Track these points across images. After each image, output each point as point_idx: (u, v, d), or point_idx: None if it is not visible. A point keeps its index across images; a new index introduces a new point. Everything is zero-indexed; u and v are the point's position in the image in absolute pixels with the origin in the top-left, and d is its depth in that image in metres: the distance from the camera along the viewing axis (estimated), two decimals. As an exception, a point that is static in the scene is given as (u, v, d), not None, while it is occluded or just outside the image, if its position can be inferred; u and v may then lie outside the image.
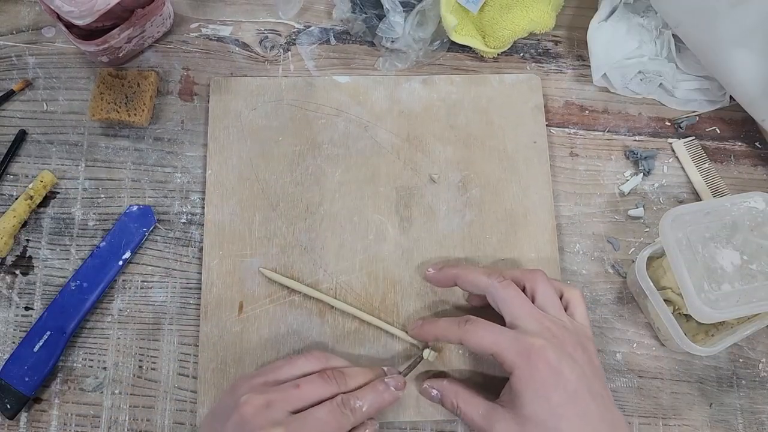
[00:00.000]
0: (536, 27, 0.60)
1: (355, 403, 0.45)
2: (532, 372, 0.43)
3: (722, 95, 0.61)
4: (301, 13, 0.63)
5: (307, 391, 0.45)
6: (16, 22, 0.62)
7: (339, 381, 0.46)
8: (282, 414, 0.42)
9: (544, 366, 0.43)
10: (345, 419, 0.44)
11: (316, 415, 0.43)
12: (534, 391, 0.43)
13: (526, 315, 0.46)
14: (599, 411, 0.43)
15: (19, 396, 0.51)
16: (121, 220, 0.56)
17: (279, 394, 0.44)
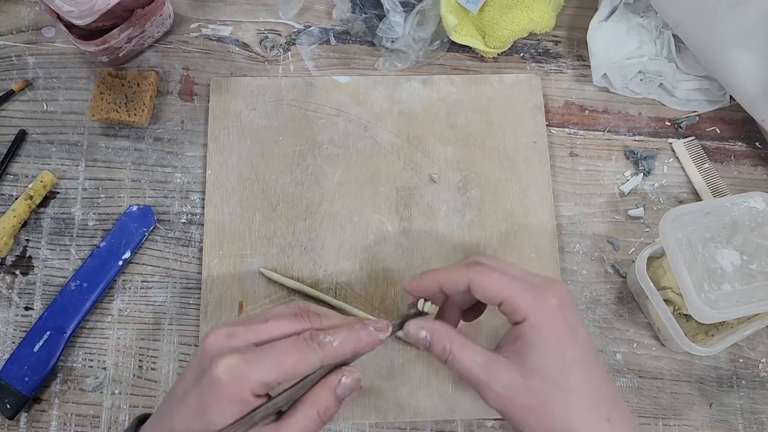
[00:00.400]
0: (536, 27, 0.60)
1: (324, 338, 0.39)
2: (550, 324, 0.40)
3: (722, 95, 0.61)
4: (301, 13, 0.63)
5: (274, 325, 0.40)
6: (16, 22, 0.62)
7: (312, 320, 0.41)
8: (243, 343, 0.39)
9: (563, 320, 0.40)
10: (310, 352, 0.38)
11: (278, 344, 0.39)
12: (548, 344, 0.40)
13: (529, 280, 0.43)
14: (604, 375, 0.41)
15: (19, 396, 0.51)
16: (121, 220, 0.56)
17: (244, 327, 0.40)
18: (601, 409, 0.40)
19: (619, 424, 0.40)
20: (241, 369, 0.37)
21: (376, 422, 0.53)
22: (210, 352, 0.38)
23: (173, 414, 0.39)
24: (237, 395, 0.37)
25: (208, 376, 0.37)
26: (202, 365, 0.38)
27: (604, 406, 0.40)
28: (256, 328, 0.40)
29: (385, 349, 0.54)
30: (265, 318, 0.41)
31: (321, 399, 0.39)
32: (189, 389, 0.38)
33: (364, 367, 0.53)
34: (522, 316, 0.40)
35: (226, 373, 0.37)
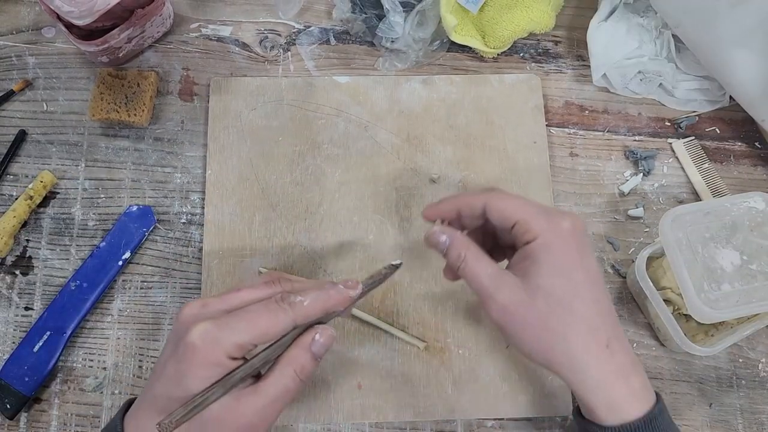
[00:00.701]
0: (536, 27, 0.60)
1: (294, 298, 0.40)
2: (561, 245, 0.41)
3: (722, 95, 0.61)
4: (301, 13, 0.63)
5: (246, 293, 0.41)
6: (16, 22, 0.62)
7: (284, 285, 0.42)
8: (216, 312, 0.40)
9: (575, 243, 0.41)
10: (282, 313, 0.39)
11: (249, 307, 0.39)
12: (557, 264, 0.41)
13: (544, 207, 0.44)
14: (607, 303, 0.42)
15: (19, 396, 0.51)
16: (121, 220, 0.56)
17: (217, 298, 0.41)
18: (600, 335, 0.41)
19: (618, 352, 0.41)
20: (213, 333, 0.38)
21: (376, 422, 0.53)
22: (185, 322, 0.39)
23: (154, 384, 0.40)
24: (212, 359, 0.38)
25: (183, 344, 0.38)
26: (178, 335, 0.39)
27: (603, 332, 0.41)
28: (229, 297, 0.41)
29: (385, 350, 0.54)
30: (237, 288, 0.42)
31: (297, 358, 0.40)
32: (167, 359, 0.39)
33: (364, 367, 0.53)
34: (533, 235, 0.41)
35: (199, 338, 0.38)
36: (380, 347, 0.54)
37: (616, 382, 0.40)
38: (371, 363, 0.53)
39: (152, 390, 0.40)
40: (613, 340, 0.41)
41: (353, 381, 0.53)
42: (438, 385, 0.53)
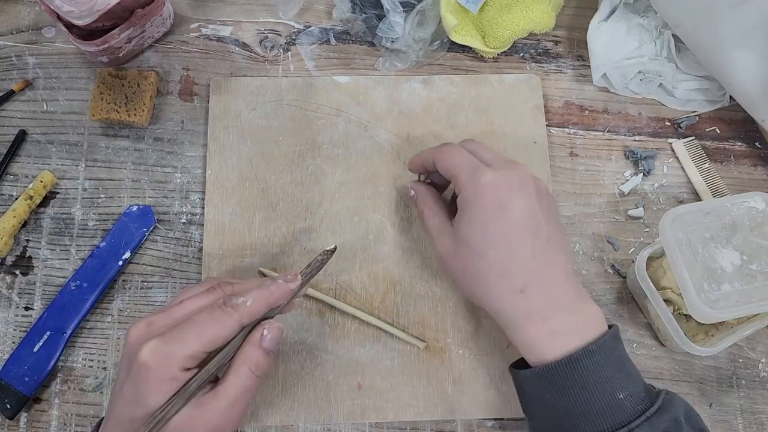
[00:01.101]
0: (536, 27, 0.60)
1: (237, 300, 0.41)
2: (478, 198, 0.44)
3: (722, 95, 0.61)
4: (301, 13, 0.63)
5: (188, 303, 0.42)
6: (16, 22, 0.62)
7: (224, 289, 0.43)
8: (162, 328, 0.40)
9: (492, 196, 0.44)
10: (226, 317, 0.40)
11: (194, 318, 0.40)
12: (474, 215, 0.45)
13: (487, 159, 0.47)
14: (532, 251, 0.44)
15: (19, 396, 0.51)
16: (121, 220, 0.56)
17: (160, 314, 0.42)
18: (514, 279, 0.43)
19: (534, 296, 0.43)
20: (163, 349, 0.39)
21: (376, 422, 0.53)
22: (134, 344, 0.40)
23: (114, 407, 0.41)
24: (166, 374, 0.39)
25: (136, 365, 0.39)
26: (130, 357, 0.40)
27: (518, 278, 0.43)
28: (173, 311, 0.42)
29: (385, 350, 0.54)
30: (179, 300, 0.43)
31: (250, 356, 0.41)
32: (123, 382, 0.40)
33: (364, 367, 0.53)
34: (459, 189, 0.46)
35: (150, 356, 0.38)
36: (380, 347, 0.54)
37: (531, 323, 0.43)
38: (371, 363, 0.53)
39: (113, 412, 0.41)
40: (530, 286, 0.43)
41: (353, 381, 0.53)
42: (438, 385, 0.53)
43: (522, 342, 0.44)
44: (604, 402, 0.41)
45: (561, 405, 0.42)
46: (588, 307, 0.44)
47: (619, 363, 0.43)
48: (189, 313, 0.41)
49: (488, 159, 0.47)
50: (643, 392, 0.42)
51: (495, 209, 0.44)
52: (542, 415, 0.44)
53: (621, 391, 0.41)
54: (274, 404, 0.52)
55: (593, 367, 0.41)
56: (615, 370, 0.42)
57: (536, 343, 0.43)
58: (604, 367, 0.41)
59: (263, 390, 0.52)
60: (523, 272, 0.44)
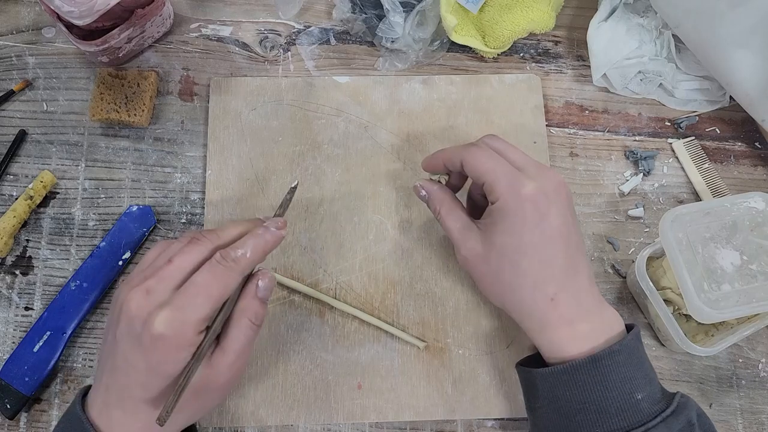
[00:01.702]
0: (536, 27, 0.60)
1: (235, 253, 0.41)
2: (518, 210, 0.44)
3: (722, 95, 0.61)
4: (301, 13, 0.63)
5: (180, 261, 0.41)
6: (16, 22, 0.62)
7: (211, 238, 0.43)
8: (164, 294, 0.40)
9: (531, 207, 0.44)
10: (230, 272, 0.41)
11: (197, 280, 0.40)
12: (511, 225, 0.45)
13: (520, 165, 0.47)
14: (563, 261, 0.44)
15: (19, 396, 0.51)
16: (121, 220, 0.56)
17: (154, 278, 0.40)
18: (546, 288, 0.44)
19: (563, 303, 0.44)
20: (177, 318, 0.39)
21: (375, 422, 0.53)
22: (139, 316, 0.39)
23: (119, 379, 0.40)
24: (184, 341, 0.39)
25: (148, 336, 0.38)
26: (134, 329, 0.39)
27: (550, 286, 0.44)
28: (167, 274, 0.40)
29: (385, 350, 0.54)
30: (167, 259, 0.41)
31: (249, 307, 0.42)
32: (129, 353, 0.40)
33: (364, 367, 0.53)
34: (495, 197, 0.46)
35: (166, 326, 0.38)
36: (380, 347, 0.54)
37: (559, 327, 0.44)
38: (371, 363, 0.53)
39: (117, 384, 0.41)
40: (561, 293, 0.44)
41: (353, 381, 0.53)
42: (438, 385, 0.53)
43: (546, 343, 0.45)
44: (622, 401, 0.41)
45: (578, 402, 0.42)
46: (607, 308, 0.46)
47: (639, 363, 0.43)
48: (186, 273, 0.41)
49: (519, 162, 0.47)
50: (660, 393, 0.43)
51: (533, 220, 0.44)
52: (553, 413, 0.44)
53: (639, 392, 0.42)
54: (274, 404, 0.52)
55: (615, 366, 0.42)
56: (635, 370, 0.43)
57: (561, 344, 0.44)
58: (625, 366, 0.42)
59: (263, 390, 0.52)
60: (554, 281, 0.44)
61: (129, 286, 0.41)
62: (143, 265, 0.43)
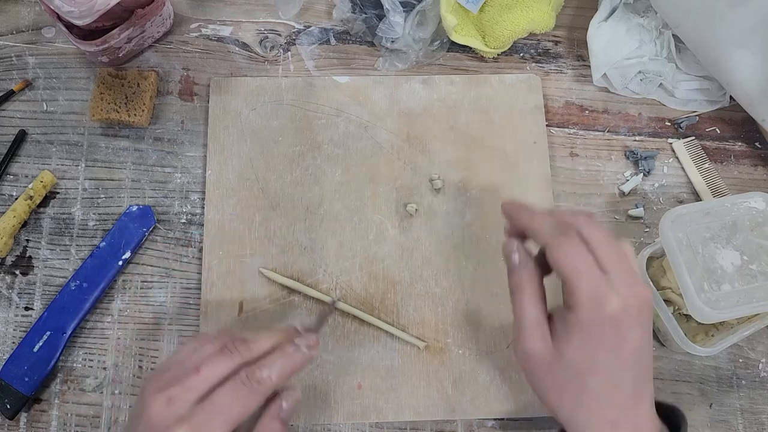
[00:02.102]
0: (536, 27, 0.60)
1: (261, 374, 0.40)
2: (597, 327, 0.40)
3: (722, 95, 0.61)
4: (301, 13, 0.63)
5: (207, 372, 0.40)
6: (16, 22, 0.62)
7: (242, 350, 0.42)
8: (185, 407, 0.39)
9: (612, 328, 0.40)
10: (252, 394, 0.40)
11: (217, 399, 0.39)
12: (586, 341, 0.40)
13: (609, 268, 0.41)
14: (633, 385, 0.41)
15: (19, 396, 0.51)
16: (121, 220, 0.56)
17: (179, 386, 0.39)
18: (609, 413, 0.41)
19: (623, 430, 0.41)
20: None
21: (376, 422, 0.53)
22: (157, 425, 0.39)
23: None
24: None
25: None
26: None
27: (613, 411, 0.41)
28: (192, 385, 0.40)
29: (385, 350, 0.54)
30: (195, 367, 0.40)
31: (269, 427, 0.41)
32: None
33: (364, 367, 0.53)
34: (574, 304, 0.40)
35: None
36: (380, 347, 0.54)
37: None
38: (371, 363, 0.53)
39: None
40: (622, 420, 0.41)
41: (353, 381, 0.53)
42: (438, 385, 0.53)
43: None
44: None
45: None
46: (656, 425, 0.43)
47: None
48: (210, 384, 0.40)
49: (608, 264, 0.41)
50: None
51: (611, 341, 0.40)
52: None
53: None
54: (274, 404, 0.52)
55: None
56: None
57: None
58: None
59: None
60: (619, 406, 0.41)
61: (155, 386, 0.40)
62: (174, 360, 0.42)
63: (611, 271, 0.40)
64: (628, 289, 0.40)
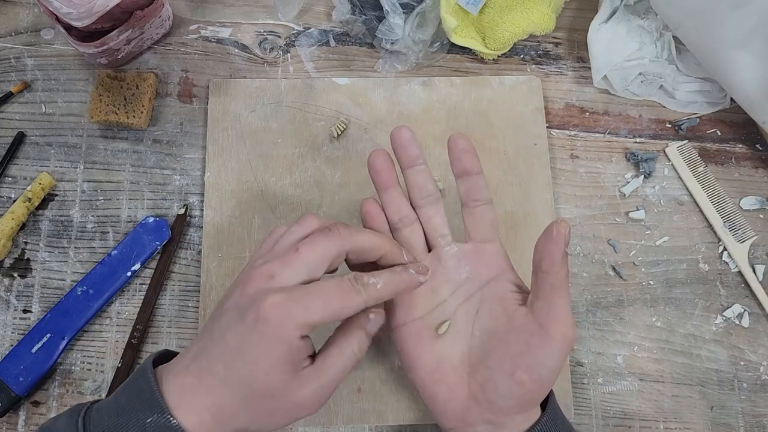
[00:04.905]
0: (536, 29, 0.60)
1: (368, 280, 0.39)
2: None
3: (723, 97, 0.61)
4: (300, 14, 0.63)
5: (306, 252, 0.39)
6: (15, 23, 0.62)
7: (343, 233, 0.40)
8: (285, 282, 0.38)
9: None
10: (355, 295, 0.38)
11: (322, 285, 0.38)
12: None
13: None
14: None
15: (11, 395, 0.50)
16: (136, 231, 0.55)
17: (279, 262, 0.38)
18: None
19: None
20: (286, 307, 0.36)
21: (375, 425, 0.52)
22: (254, 294, 0.37)
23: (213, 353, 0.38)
24: (284, 335, 0.36)
25: (253, 315, 0.36)
26: (242, 305, 0.37)
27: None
28: (293, 263, 0.38)
29: (385, 352, 0.53)
30: (295, 246, 0.39)
31: (355, 336, 0.40)
32: (227, 327, 0.37)
33: (364, 369, 0.53)
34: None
35: (272, 310, 0.36)
36: (380, 350, 0.54)
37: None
38: (371, 366, 0.53)
39: (205, 354, 0.38)
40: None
41: (353, 384, 0.53)
42: (438, 389, 0.53)
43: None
44: None
45: None
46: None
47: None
48: (312, 265, 0.39)
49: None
50: None
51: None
52: None
53: None
54: (273, 407, 0.52)
55: None
56: None
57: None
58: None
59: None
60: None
61: (252, 267, 0.39)
62: (263, 249, 0.41)
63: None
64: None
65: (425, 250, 0.47)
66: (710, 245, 0.58)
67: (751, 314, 0.56)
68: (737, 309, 0.56)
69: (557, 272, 0.40)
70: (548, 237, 0.40)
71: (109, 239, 0.56)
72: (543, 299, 0.40)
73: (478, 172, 0.46)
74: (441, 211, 0.47)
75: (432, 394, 0.43)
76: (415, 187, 0.46)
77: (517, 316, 0.42)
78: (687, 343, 0.56)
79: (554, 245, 0.40)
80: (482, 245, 0.46)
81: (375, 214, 0.46)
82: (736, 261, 0.57)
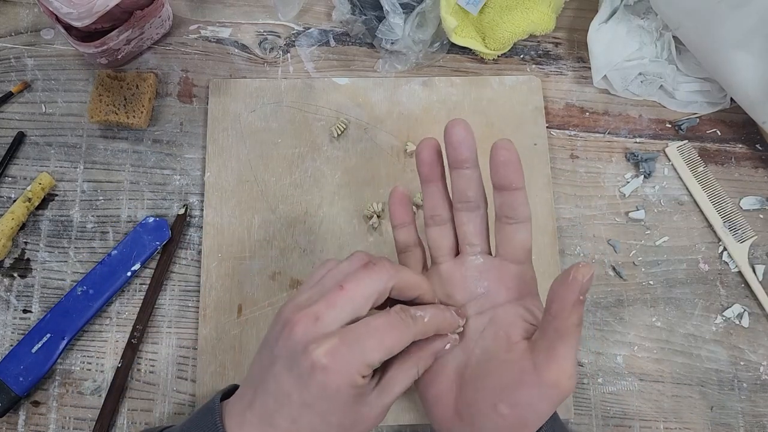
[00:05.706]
0: (536, 29, 0.60)
1: (416, 313, 0.39)
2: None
3: (723, 97, 0.61)
4: (300, 14, 0.63)
5: (352, 289, 0.38)
6: (15, 23, 0.62)
7: (388, 267, 0.39)
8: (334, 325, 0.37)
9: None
10: (405, 328, 0.38)
11: (372, 323, 0.37)
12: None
13: None
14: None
15: (11, 395, 0.50)
16: (136, 231, 0.55)
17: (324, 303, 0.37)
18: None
19: None
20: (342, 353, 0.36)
21: (375, 425, 0.52)
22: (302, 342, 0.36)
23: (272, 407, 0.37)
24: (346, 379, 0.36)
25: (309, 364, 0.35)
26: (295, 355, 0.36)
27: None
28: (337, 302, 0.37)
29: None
30: (337, 282, 0.38)
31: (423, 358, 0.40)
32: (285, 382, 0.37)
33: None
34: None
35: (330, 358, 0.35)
36: (380, 350, 0.54)
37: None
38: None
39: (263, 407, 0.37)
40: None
41: (353, 384, 0.53)
42: (438, 389, 0.53)
43: None
44: None
45: None
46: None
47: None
48: (357, 305, 0.38)
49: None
50: None
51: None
52: None
53: None
54: (273, 407, 0.52)
55: None
56: None
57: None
58: None
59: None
60: None
61: (295, 306, 0.38)
62: (310, 282, 0.40)
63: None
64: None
65: (451, 252, 0.45)
66: (710, 245, 0.58)
67: (751, 314, 0.56)
68: (737, 309, 0.56)
69: (565, 318, 0.37)
70: (564, 280, 0.37)
71: (109, 239, 0.56)
72: (546, 341, 0.38)
73: (517, 187, 0.43)
74: (477, 219, 0.44)
75: (422, 395, 0.43)
76: (456, 190, 0.44)
77: (517, 349, 0.40)
78: (687, 343, 0.56)
79: (567, 290, 0.36)
80: (508, 265, 0.44)
81: (403, 201, 0.46)
82: (736, 261, 0.57)
